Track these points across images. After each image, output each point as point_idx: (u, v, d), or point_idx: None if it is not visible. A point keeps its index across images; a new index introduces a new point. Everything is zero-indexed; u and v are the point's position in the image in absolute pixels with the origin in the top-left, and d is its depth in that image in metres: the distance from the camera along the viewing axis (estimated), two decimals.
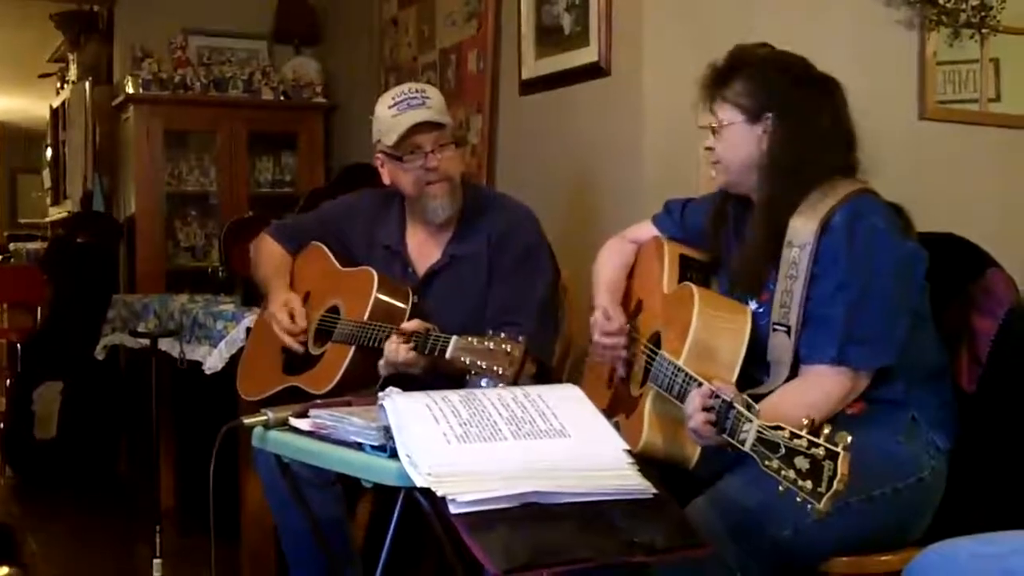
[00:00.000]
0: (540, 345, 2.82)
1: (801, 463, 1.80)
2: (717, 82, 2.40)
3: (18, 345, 6.39)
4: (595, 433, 2.02)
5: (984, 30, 3.91)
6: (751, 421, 1.91)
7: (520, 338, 2.35)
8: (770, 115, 2.32)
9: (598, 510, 1.85)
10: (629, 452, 1.99)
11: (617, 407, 2.46)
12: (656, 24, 3.50)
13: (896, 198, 2.33)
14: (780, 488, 1.82)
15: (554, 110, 3.96)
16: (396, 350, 2.67)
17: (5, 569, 1.26)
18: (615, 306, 2.59)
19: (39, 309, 6.66)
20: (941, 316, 2.37)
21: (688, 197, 2.72)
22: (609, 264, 2.71)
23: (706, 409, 2.04)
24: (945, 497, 2.27)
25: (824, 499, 1.76)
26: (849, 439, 1.76)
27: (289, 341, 2.96)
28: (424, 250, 3.05)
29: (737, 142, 2.35)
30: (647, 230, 2.71)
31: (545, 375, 2.85)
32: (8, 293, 7.07)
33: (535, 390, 2.08)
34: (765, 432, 1.87)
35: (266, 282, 3.13)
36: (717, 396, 2.02)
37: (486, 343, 2.37)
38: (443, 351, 2.51)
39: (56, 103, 7.97)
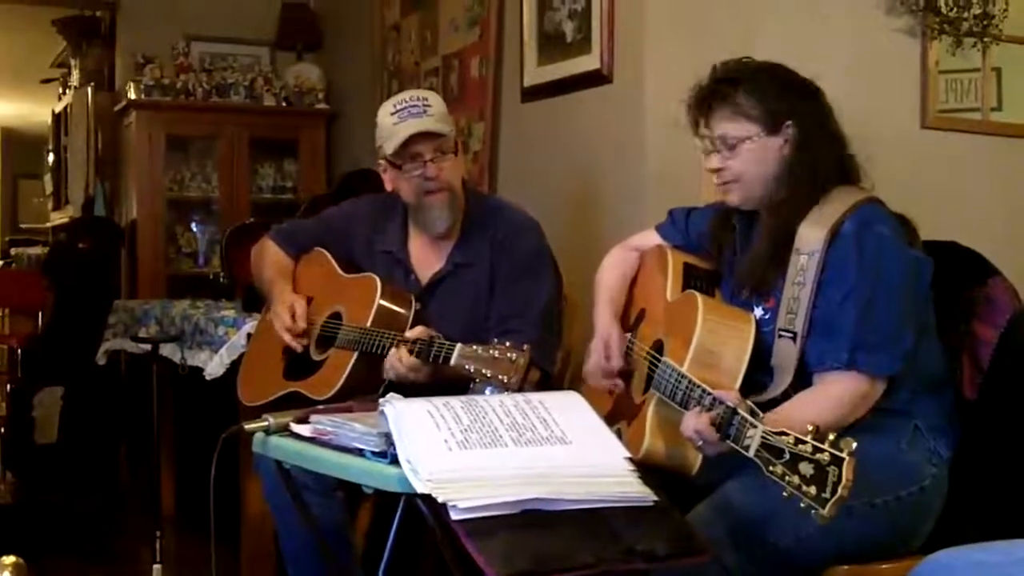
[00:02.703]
0: (543, 353, 2.82)
1: (806, 469, 1.79)
2: (718, 98, 2.34)
3: (19, 350, 6.38)
4: (596, 440, 2.02)
5: (986, 39, 3.91)
6: (755, 427, 1.91)
7: (524, 346, 2.35)
8: (790, 123, 2.31)
9: (599, 517, 1.85)
10: (630, 459, 1.99)
11: (619, 414, 2.46)
12: (658, 32, 3.51)
13: (898, 207, 2.34)
14: (784, 494, 1.82)
15: (556, 117, 3.96)
16: (398, 358, 2.67)
17: (12, 559, 1.27)
18: (616, 341, 2.56)
19: (40, 314, 6.66)
20: (943, 324, 2.36)
21: (692, 206, 2.72)
22: (611, 276, 2.70)
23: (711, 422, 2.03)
24: (946, 505, 2.27)
25: (829, 505, 1.76)
26: (854, 444, 1.75)
27: (288, 339, 2.95)
28: (426, 257, 3.05)
29: (759, 156, 2.32)
30: (651, 238, 2.71)
31: (547, 382, 2.85)
32: (9, 298, 7.07)
33: (536, 397, 2.08)
34: (769, 438, 1.87)
35: (270, 285, 3.13)
36: (721, 403, 2.02)
37: (490, 351, 2.37)
38: (447, 359, 2.51)
39: (58, 108, 7.98)
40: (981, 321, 2.40)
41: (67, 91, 7.62)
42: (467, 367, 2.40)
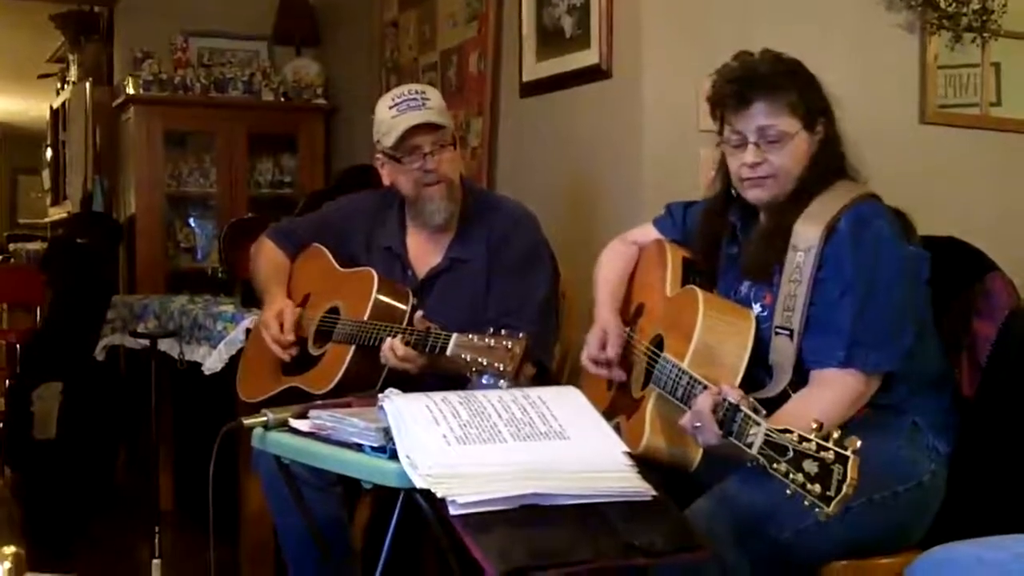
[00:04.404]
0: (541, 346, 2.82)
1: (810, 466, 1.79)
2: (766, 89, 2.29)
3: (17, 345, 6.38)
4: (594, 435, 2.02)
5: (985, 34, 3.91)
6: (759, 424, 1.90)
7: (520, 334, 2.35)
8: (823, 120, 2.31)
9: (597, 512, 1.85)
10: (629, 454, 1.99)
11: (617, 409, 2.46)
12: (656, 27, 3.51)
13: (897, 202, 2.34)
14: (788, 492, 1.82)
15: (555, 112, 3.96)
16: (392, 348, 2.67)
17: (12, 548, 1.26)
18: (614, 331, 2.55)
19: (38, 309, 6.66)
20: (941, 320, 2.37)
21: (690, 200, 2.71)
22: (610, 269, 2.70)
23: (714, 411, 2.03)
24: (944, 501, 2.27)
25: (834, 503, 1.75)
26: (859, 443, 1.75)
27: (277, 350, 2.95)
28: (424, 252, 3.05)
29: (798, 152, 2.30)
30: (649, 233, 2.70)
31: (545, 377, 2.85)
32: (8, 293, 7.07)
33: (535, 392, 2.09)
34: (773, 435, 1.86)
35: (264, 287, 3.13)
36: (724, 399, 2.01)
37: (487, 340, 2.37)
38: (444, 349, 2.52)
39: (56, 103, 7.97)
40: (979, 317, 2.40)
41: (65, 86, 7.62)
42: (463, 356, 2.40)
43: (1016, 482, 2.31)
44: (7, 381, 6.36)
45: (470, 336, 2.42)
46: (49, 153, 8.32)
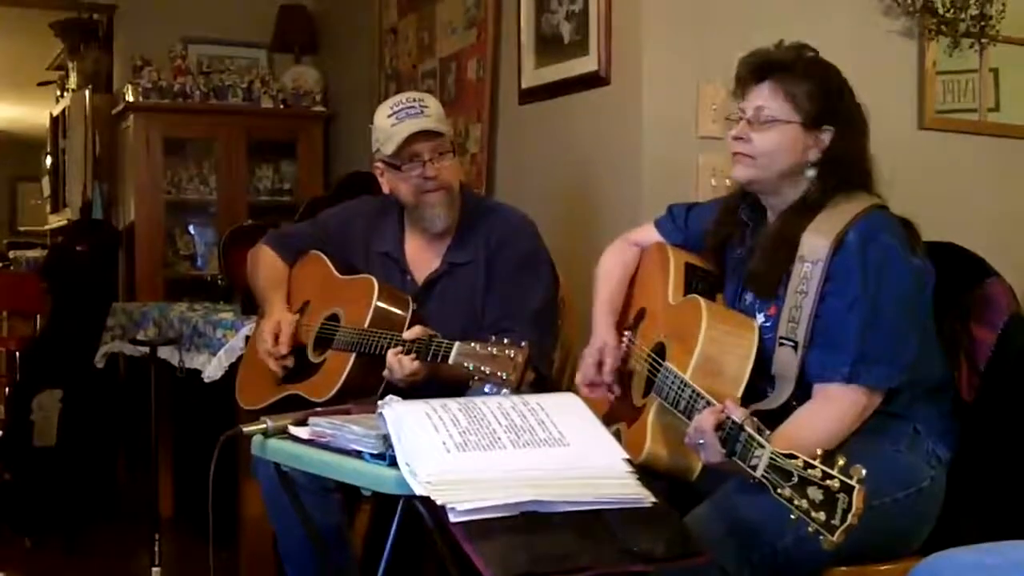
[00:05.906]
0: (538, 354, 2.81)
1: (814, 494, 1.78)
2: (776, 71, 2.30)
3: (17, 353, 6.38)
4: (594, 442, 2.02)
5: (983, 40, 3.91)
6: (763, 447, 1.89)
7: (523, 343, 2.35)
8: (831, 128, 2.29)
9: (597, 518, 1.85)
10: (628, 461, 1.99)
11: (617, 415, 2.45)
12: (655, 34, 3.51)
13: (896, 208, 2.33)
14: (792, 516, 1.81)
15: (553, 119, 3.96)
16: (400, 362, 2.67)
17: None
18: (611, 350, 2.53)
19: (38, 317, 6.65)
20: (940, 325, 2.36)
21: (693, 202, 2.70)
22: (610, 275, 2.68)
23: (717, 430, 2.03)
24: (944, 506, 2.27)
25: (838, 532, 1.74)
26: (864, 471, 1.74)
27: (271, 364, 2.95)
28: (422, 258, 3.05)
29: (787, 144, 2.28)
30: (651, 234, 2.69)
31: (543, 384, 2.85)
32: (7, 301, 7.05)
33: (534, 399, 2.09)
34: (778, 459, 1.85)
35: (263, 294, 3.12)
36: (728, 417, 2.01)
37: (489, 348, 2.36)
38: (446, 357, 2.51)
39: (56, 111, 7.97)
40: (978, 322, 2.40)
41: (65, 94, 7.62)
42: (466, 365, 2.40)
43: (1015, 488, 2.31)
44: (7, 388, 6.35)
45: (472, 344, 2.41)
46: (49, 160, 8.32)
